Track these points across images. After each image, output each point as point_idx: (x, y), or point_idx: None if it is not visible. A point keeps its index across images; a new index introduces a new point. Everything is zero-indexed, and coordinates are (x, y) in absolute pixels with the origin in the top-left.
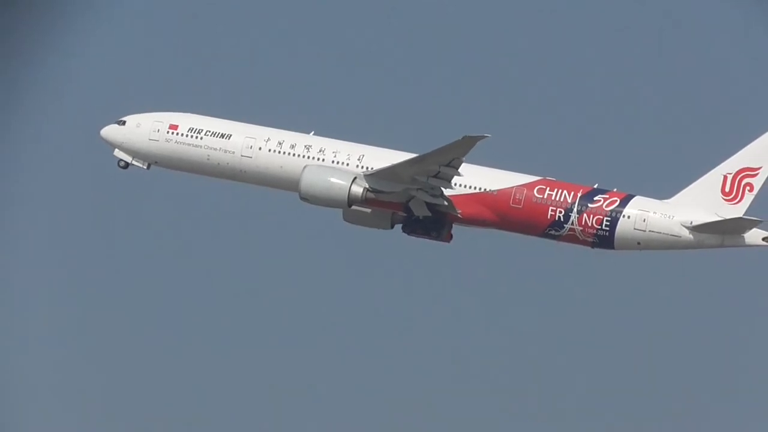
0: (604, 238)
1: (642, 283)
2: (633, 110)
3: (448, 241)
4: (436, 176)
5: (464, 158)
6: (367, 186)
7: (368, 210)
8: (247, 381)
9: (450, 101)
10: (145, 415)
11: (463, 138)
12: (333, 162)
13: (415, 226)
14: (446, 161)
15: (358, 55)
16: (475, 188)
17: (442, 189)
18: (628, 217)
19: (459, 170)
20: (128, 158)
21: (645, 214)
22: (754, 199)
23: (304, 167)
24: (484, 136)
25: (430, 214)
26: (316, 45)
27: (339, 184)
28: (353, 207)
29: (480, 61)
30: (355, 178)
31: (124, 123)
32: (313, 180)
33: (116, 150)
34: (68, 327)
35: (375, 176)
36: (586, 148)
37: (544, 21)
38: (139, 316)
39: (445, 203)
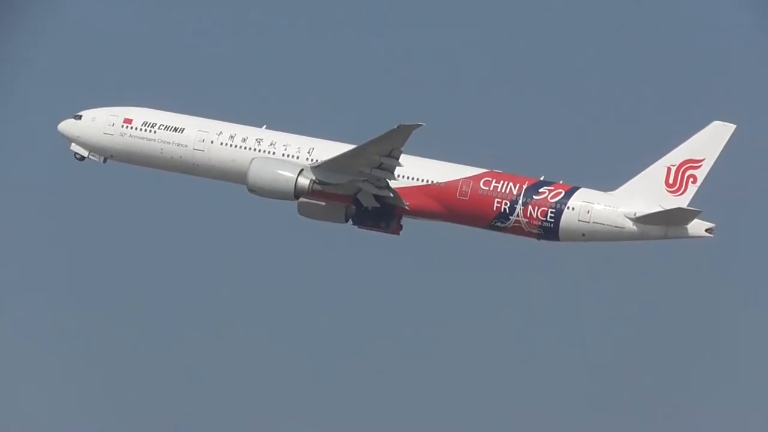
0: (549, 230)
1: (586, 274)
2: (581, 103)
3: (398, 234)
4: (379, 167)
5: (403, 148)
6: (314, 178)
7: (323, 203)
8: (196, 375)
9: (403, 94)
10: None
11: (398, 126)
12: (283, 155)
13: (364, 217)
14: (386, 151)
15: (311, 46)
16: (422, 180)
17: (387, 180)
18: (572, 208)
19: (399, 160)
20: (84, 152)
21: (589, 206)
22: (697, 191)
23: (252, 159)
24: (419, 125)
25: (378, 205)
26: (271, 37)
27: (285, 176)
28: (304, 200)
29: (434, 54)
30: (302, 170)
31: (80, 117)
32: (260, 172)
33: (73, 144)
34: (22, 326)
35: (320, 168)
36: (535, 141)
37: (494, 15)
38: (91, 310)
39: (391, 195)
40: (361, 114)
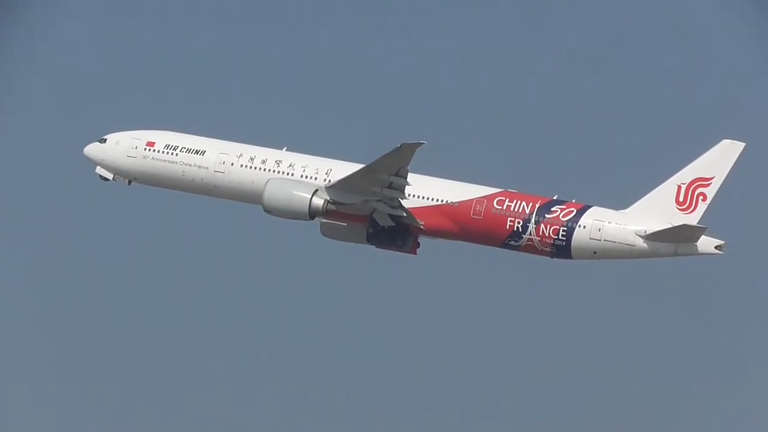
0: (561, 248)
1: (598, 291)
2: (595, 121)
3: (415, 253)
4: (390, 186)
5: (408, 167)
6: (328, 198)
7: (344, 224)
8: (215, 391)
9: (421, 115)
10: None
11: (401, 146)
12: (301, 176)
13: (380, 236)
14: (392, 171)
15: (332, 71)
16: (437, 200)
17: (399, 200)
18: (584, 227)
19: (408, 179)
20: (109, 175)
21: (600, 224)
22: (707, 209)
23: (268, 180)
24: (421, 143)
25: (393, 224)
26: (291, 62)
27: (300, 196)
28: (326, 221)
29: (453, 78)
30: (316, 190)
31: (105, 141)
32: (275, 192)
33: (98, 167)
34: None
35: (334, 188)
36: (551, 161)
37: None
38: (115, 325)
39: (404, 214)
40: (379, 133)
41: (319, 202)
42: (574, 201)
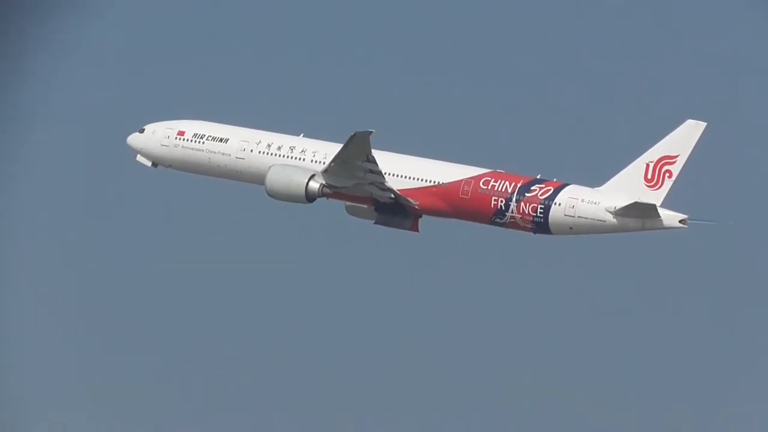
0: (541, 225)
1: (575, 264)
2: (576, 102)
3: (417, 231)
4: (371, 171)
5: (371, 152)
6: (324, 182)
7: (364, 206)
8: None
9: (427, 102)
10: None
11: (354, 134)
12: (312, 161)
13: (384, 211)
14: (362, 158)
15: (345, 58)
16: (431, 181)
17: (384, 182)
18: (559, 204)
19: (376, 163)
20: (147, 163)
21: (573, 201)
22: (672, 185)
23: (270, 167)
24: (371, 132)
25: (392, 198)
26: (309, 51)
27: (297, 181)
28: (350, 203)
29: (454, 76)
30: (313, 175)
31: (143, 131)
32: (275, 178)
33: (138, 156)
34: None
35: (326, 173)
36: (539, 143)
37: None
38: (137, 308)
39: (392, 195)
40: (384, 117)
41: (315, 186)
42: (555, 180)
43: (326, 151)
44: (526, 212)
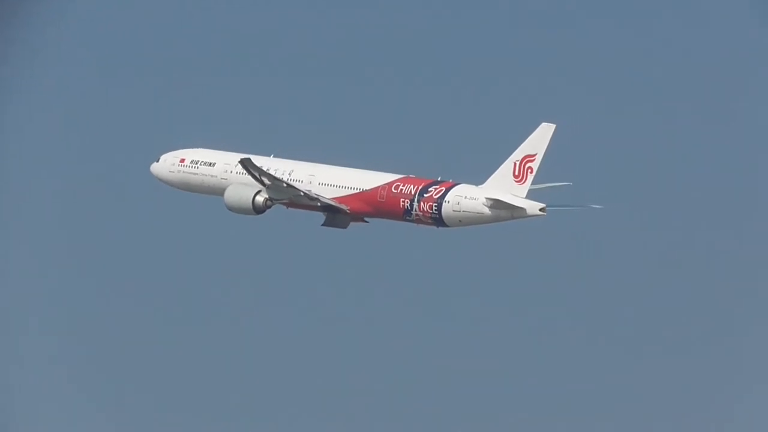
0: (438, 219)
1: (468, 251)
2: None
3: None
4: (288, 185)
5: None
6: (267, 197)
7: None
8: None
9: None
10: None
11: (240, 160)
12: (290, 179)
13: (330, 215)
14: (262, 176)
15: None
16: (357, 189)
17: (308, 194)
18: (448, 202)
19: (278, 178)
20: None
21: (459, 199)
22: (534, 178)
23: (227, 187)
24: (248, 159)
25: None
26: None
27: (245, 197)
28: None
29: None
30: (259, 191)
31: (159, 160)
32: (229, 195)
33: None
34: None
35: (267, 189)
36: (444, 148)
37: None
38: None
39: (319, 204)
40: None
41: (260, 199)
42: (451, 181)
43: (284, 168)
44: (425, 210)
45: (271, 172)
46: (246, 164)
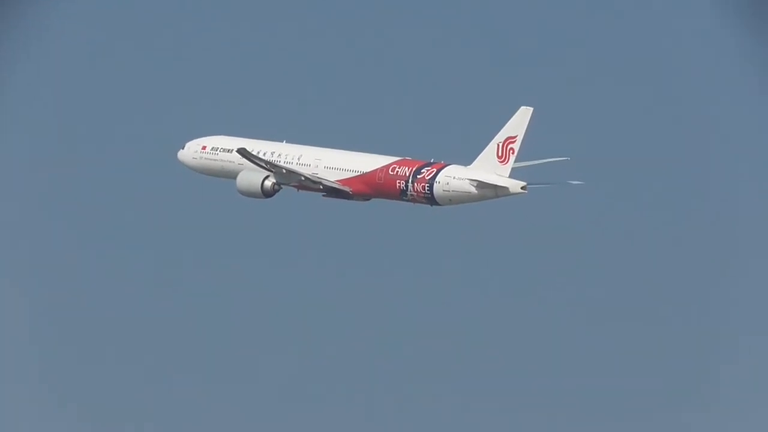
0: (431, 199)
1: (459, 227)
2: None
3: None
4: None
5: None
6: (275, 181)
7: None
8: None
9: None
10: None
11: (237, 149)
12: (298, 164)
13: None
14: (261, 163)
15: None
16: (358, 172)
17: (311, 178)
18: (439, 182)
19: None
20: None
21: (448, 179)
22: (515, 159)
23: (239, 173)
24: (243, 148)
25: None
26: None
27: (255, 182)
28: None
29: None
30: (267, 176)
31: (184, 147)
32: (240, 180)
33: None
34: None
35: (274, 174)
36: (439, 132)
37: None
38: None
39: (320, 186)
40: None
41: (268, 184)
42: (443, 162)
43: (301, 153)
44: (419, 190)
45: (281, 157)
46: (243, 153)
